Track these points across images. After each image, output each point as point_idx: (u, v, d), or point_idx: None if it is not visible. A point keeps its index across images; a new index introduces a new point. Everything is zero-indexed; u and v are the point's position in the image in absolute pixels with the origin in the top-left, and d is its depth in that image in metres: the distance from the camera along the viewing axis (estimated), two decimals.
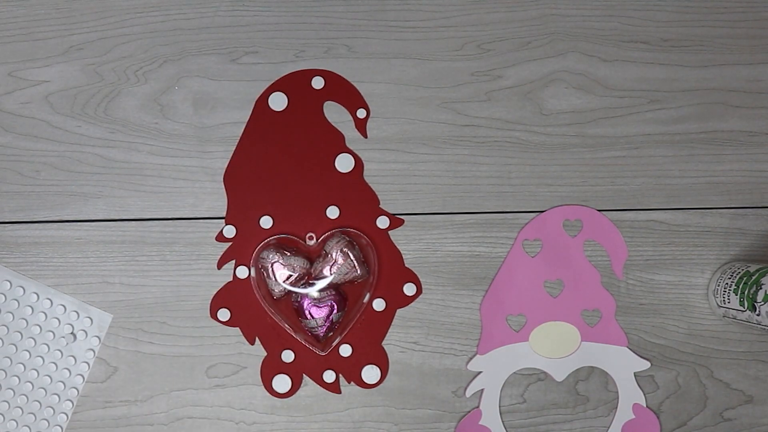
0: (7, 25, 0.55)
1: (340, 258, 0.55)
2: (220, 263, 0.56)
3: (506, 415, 0.58)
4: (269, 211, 0.56)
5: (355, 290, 0.56)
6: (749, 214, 0.59)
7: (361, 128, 0.57)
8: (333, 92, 0.56)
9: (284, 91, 0.56)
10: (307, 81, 0.56)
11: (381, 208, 0.57)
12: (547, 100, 0.58)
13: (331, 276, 0.55)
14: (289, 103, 0.56)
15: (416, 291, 0.57)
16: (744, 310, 0.55)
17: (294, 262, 0.55)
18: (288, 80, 0.56)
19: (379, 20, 0.57)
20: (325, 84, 0.56)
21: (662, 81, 0.58)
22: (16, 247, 0.55)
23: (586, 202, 0.58)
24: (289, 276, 0.54)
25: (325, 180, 0.56)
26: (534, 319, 0.58)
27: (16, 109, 0.55)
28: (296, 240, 0.56)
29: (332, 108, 0.57)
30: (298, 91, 0.56)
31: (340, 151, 0.56)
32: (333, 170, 0.56)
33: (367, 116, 0.57)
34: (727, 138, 0.59)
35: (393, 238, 0.57)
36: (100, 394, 0.56)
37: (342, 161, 0.56)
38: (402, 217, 0.57)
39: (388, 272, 0.57)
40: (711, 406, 0.59)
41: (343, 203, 0.56)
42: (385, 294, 0.57)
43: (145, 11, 0.55)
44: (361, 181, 0.57)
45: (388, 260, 0.57)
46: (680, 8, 0.58)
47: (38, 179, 0.55)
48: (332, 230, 0.56)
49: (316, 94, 0.56)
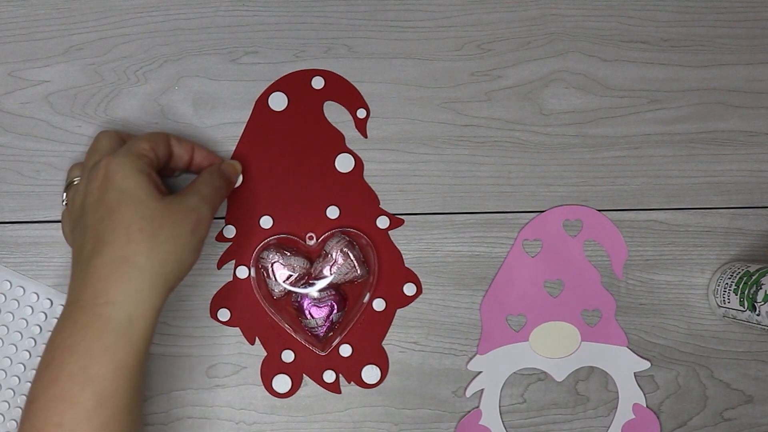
0: (7, 25, 0.55)
1: (340, 258, 0.55)
2: (220, 263, 0.56)
3: (506, 415, 0.58)
4: (269, 211, 0.56)
5: (355, 290, 0.56)
6: (749, 214, 0.59)
7: (361, 128, 0.57)
8: (333, 92, 0.56)
9: (284, 91, 0.56)
10: (307, 81, 0.56)
11: (381, 208, 0.57)
12: (547, 100, 0.58)
13: (331, 276, 0.55)
14: (289, 103, 0.56)
15: (416, 291, 0.57)
16: (744, 310, 0.55)
17: (294, 262, 0.55)
18: (288, 80, 0.56)
19: (379, 20, 0.57)
20: (325, 84, 0.56)
21: (662, 81, 0.58)
22: (16, 247, 0.55)
23: (586, 202, 0.58)
24: (289, 276, 0.54)
25: (325, 180, 0.56)
26: (534, 319, 0.58)
27: (16, 109, 0.55)
28: (296, 240, 0.56)
29: (332, 108, 0.57)
30: (298, 91, 0.56)
31: (340, 151, 0.56)
32: (333, 170, 0.56)
33: (367, 116, 0.57)
34: (727, 138, 0.59)
35: (393, 238, 0.57)
36: None
37: (342, 161, 0.56)
38: (402, 218, 0.57)
39: (388, 272, 0.57)
40: (711, 406, 0.59)
41: (343, 203, 0.56)
42: (385, 294, 0.57)
43: (145, 11, 0.55)
44: (361, 181, 0.57)
45: (388, 260, 0.57)
46: (680, 8, 0.58)
47: (38, 179, 0.55)
48: (332, 230, 0.56)
49: (316, 94, 0.56)
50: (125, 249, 0.44)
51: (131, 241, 0.44)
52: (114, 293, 0.44)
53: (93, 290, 0.44)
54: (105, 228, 0.45)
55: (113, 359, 0.44)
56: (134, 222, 0.45)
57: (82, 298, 0.44)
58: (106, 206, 0.45)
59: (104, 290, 0.44)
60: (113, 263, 0.44)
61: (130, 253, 0.44)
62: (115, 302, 0.44)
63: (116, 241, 0.44)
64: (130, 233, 0.44)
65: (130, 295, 0.44)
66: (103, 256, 0.44)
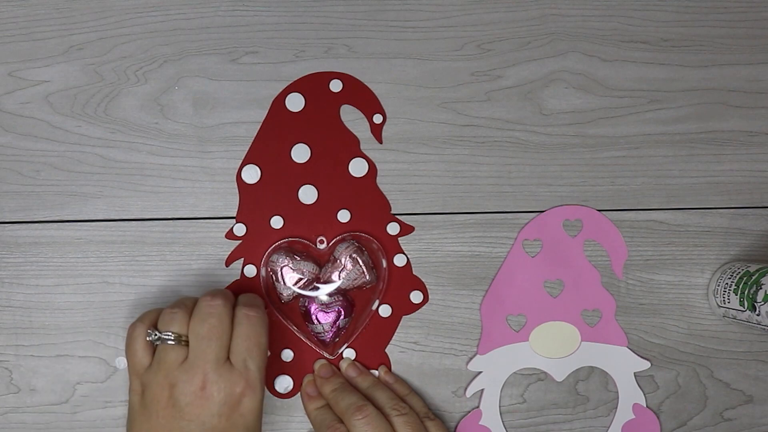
0: (7, 25, 0.55)
1: (349, 264, 0.55)
2: (229, 261, 0.56)
3: (506, 415, 0.58)
4: (280, 212, 0.56)
5: (363, 296, 0.56)
6: (749, 214, 0.59)
7: (377, 133, 0.56)
8: (351, 96, 0.56)
9: (302, 92, 0.56)
10: (325, 83, 0.56)
11: (392, 215, 0.57)
12: (547, 100, 0.58)
13: (339, 281, 0.55)
14: (306, 104, 0.56)
15: (423, 299, 0.57)
16: (744, 310, 0.55)
17: (304, 266, 0.54)
18: (306, 81, 0.56)
19: (379, 20, 0.57)
20: (343, 87, 0.56)
21: (662, 81, 0.58)
22: (16, 247, 0.55)
23: (586, 202, 0.58)
24: (299, 279, 0.54)
25: (338, 183, 0.56)
26: (534, 319, 0.58)
27: (16, 109, 0.55)
28: (307, 244, 0.56)
29: (345, 109, 0.56)
30: (315, 93, 0.56)
31: (355, 155, 0.56)
32: (347, 174, 0.56)
33: (383, 121, 0.56)
34: (727, 138, 0.59)
35: (398, 241, 0.57)
36: (100, 394, 0.56)
37: (356, 165, 0.56)
38: (404, 221, 0.57)
39: (396, 279, 0.57)
40: (711, 406, 0.59)
41: (355, 207, 0.56)
42: (391, 300, 0.57)
43: (145, 11, 0.55)
44: (373, 186, 0.56)
45: (396, 266, 0.57)
46: (680, 8, 0.58)
47: (38, 179, 0.55)
48: (342, 234, 0.56)
49: (333, 97, 0.56)
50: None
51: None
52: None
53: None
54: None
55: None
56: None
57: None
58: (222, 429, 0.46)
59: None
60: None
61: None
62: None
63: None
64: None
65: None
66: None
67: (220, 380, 0.46)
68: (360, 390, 0.54)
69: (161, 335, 0.47)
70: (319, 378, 0.55)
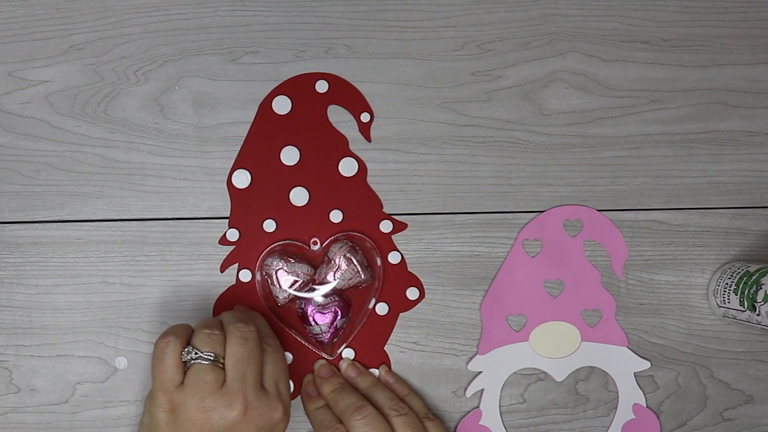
0: (7, 25, 0.55)
1: (344, 264, 0.55)
2: (224, 266, 0.56)
3: (506, 415, 0.58)
4: (272, 215, 0.56)
5: (359, 295, 0.56)
6: (749, 214, 0.59)
7: (365, 132, 0.57)
8: (337, 96, 0.56)
9: (288, 95, 0.56)
10: (311, 84, 0.56)
11: (384, 212, 0.57)
12: (547, 100, 0.58)
13: (335, 281, 0.55)
14: (293, 106, 0.56)
15: (419, 295, 0.57)
16: (744, 310, 0.55)
17: (298, 268, 0.54)
18: (292, 83, 0.56)
19: (379, 20, 0.57)
20: (329, 87, 0.56)
21: (662, 81, 0.58)
22: (16, 247, 0.55)
23: (586, 202, 0.58)
24: (294, 282, 0.54)
25: (328, 184, 0.56)
26: (534, 319, 0.58)
27: (16, 109, 0.55)
28: (301, 246, 0.56)
29: (333, 109, 0.56)
30: (302, 95, 0.56)
31: (344, 155, 0.56)
32: (337, 174, 0.56)
33: (371, 120, 0.57)
34: (727, 138, 0.59)
35: (393, 239, 0.57)
36: (100, 394, 0.56)
37: (346, 165, 0.56)
38: (405, 221, 0.57)
39: (391, 276, 0.57)
40: (711, 406, 0.59)
41: (347, 207, 0.56)
42: (387, 298, 0.57)
43: (145, 11, 0.55)
44: (364, 185, 0.57)
45: (391, 264, 0.57)
46: (680, 8, 0.58)
47: (38, 179, 0.55)
48: (336, 235, 0.56)
49: (319, 98, 0.56)
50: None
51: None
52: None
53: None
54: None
55: None
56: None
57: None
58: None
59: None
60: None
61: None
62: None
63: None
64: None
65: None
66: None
67: (260, 406, 0.46)
68: (360, 390, 0.54)
69: (202, 354, 0.46)
70: (318, 378, 0.55)
